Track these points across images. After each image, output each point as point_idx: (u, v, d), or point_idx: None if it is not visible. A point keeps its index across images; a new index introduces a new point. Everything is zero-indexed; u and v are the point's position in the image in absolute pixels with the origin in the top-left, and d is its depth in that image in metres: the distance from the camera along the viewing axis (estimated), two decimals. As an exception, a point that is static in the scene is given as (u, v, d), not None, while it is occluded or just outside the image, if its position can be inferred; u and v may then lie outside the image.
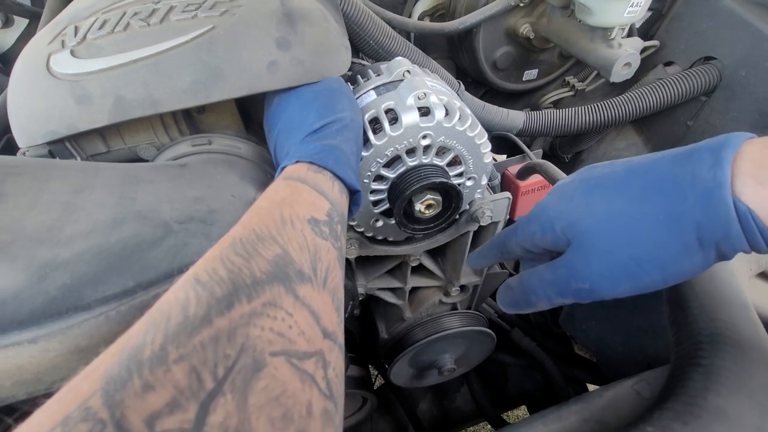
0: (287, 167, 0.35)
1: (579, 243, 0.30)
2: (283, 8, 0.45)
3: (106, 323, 0.25)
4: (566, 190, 0.33)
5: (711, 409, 0.28)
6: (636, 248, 0.28)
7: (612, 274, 0.29)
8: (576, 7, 0.79)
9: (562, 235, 0.32)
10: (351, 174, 0.36)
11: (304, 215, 0.29)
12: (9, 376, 0.24)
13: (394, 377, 0.77)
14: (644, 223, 0.27)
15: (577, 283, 0.31)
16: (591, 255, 0.30)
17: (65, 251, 0.26)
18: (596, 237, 0.29)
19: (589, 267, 0.30)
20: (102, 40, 0.41)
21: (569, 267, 0.31)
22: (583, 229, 0.30)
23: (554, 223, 0.32)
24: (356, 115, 0.41)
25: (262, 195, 0.31)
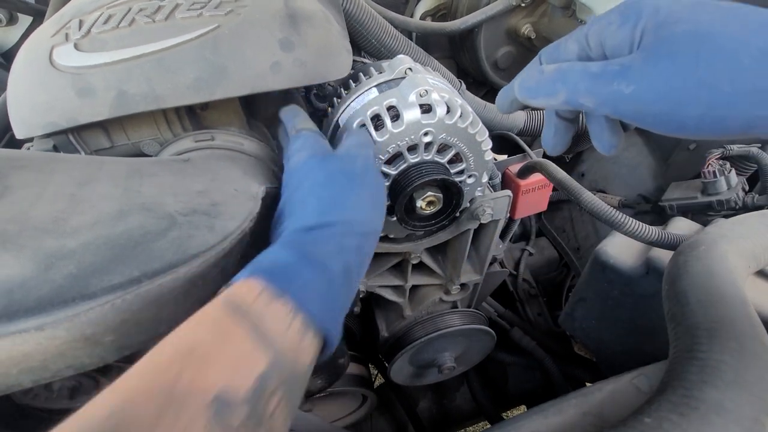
0: (235, 285, 0.26)
1: (655, 47, 0.25)
2: (286, 9, 0.46)
3: (112, 311, 0.25)
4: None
5: (708, 402, 0.28)
6: (715, 74, 0.23)
7: (664, 89, 0.24)
8: (577, 7, 0.79)
9: (638, 36, 0.26)
10: (324, 309, 0.27)
11: (210, 389, 0.20)
12: (15, 363, 0.24)
13: (394, 375, 0.77)
14: (746, 50, 0.22)
15: (620, 84, 0.26)
16: (661, 61, 0.25)
17: (71, 241, 0.27)
18: (683, 46, 0.24)
19: (649, 73, 0.25)
20: (106, 35, 0.41)
21: (624, 66, 0.26)
22: (671, 33, 0.25)
23: (640, 18, 0.26)
24: (376, 219, 0.33)
25: (179, 327, 0.23)
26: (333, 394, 0.81)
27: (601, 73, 0.27)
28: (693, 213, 0.78)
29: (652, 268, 0.58)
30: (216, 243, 0.31)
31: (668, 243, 0.54)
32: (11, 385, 0.25)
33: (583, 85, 0.28)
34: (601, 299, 0.66)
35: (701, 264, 0.40)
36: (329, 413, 0.87)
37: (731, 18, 0.24)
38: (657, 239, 0.54)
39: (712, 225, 0.49)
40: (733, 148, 0.75)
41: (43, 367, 0.25)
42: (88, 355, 0.26)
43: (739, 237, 0.45)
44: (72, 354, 0.25)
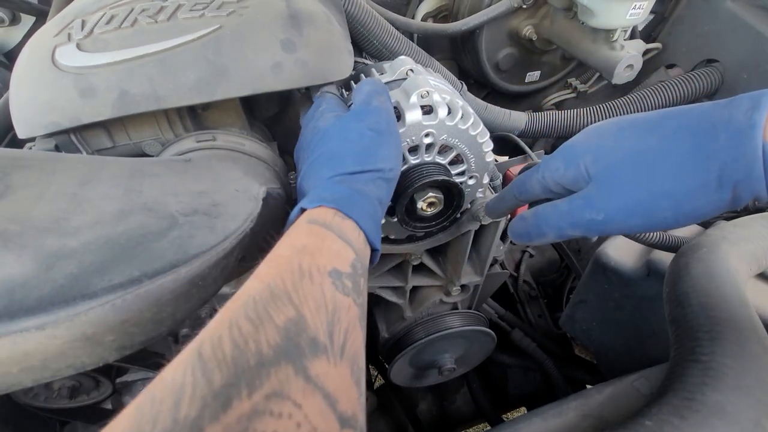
0: (311, 210, 0.32)
1: (601, 176, 0.31)
2: (288, 10, 0.46)
3: (113, 311, 0.25)
4: (596, 129, 0.34)
5: (709, 404, 0.28)
6: (656, 183, 0.29)
7: (627, 207, 0.30)
8: (579, 9, 0.79)
9: (584, 172, 0.32)
10: (375, 230, 0.34)
11: (325, 266, 0.27)
12: (16, 362, 0.24)
13: (394, 376, 0.77)
14: (670, 159, 0.28)
15: (591, 214, 0.31)
16: (611, 187, 0.31)
17: (72, 241, 0.27)
18: (619, 170, 0.30)
19: (607, 199, 0.31)
20: (109, 35, 0.42)
21: (586, 198, 0.32)
22: (608, 163, 0.31)
23: (579, 158, 0.32)
24: (397, 166, 0.39)
25: (283, 238, 0.29)
26: (333, 395, 0.81)
27: (571, 210, 0.33)
28: (694, 215, 0.78)
29: (653, 271, 0.58)
30: (217, 243, 0.31)
31: (669, 245, 0.54)
32: (12, 384, 0.25)
33: (563, 222, 0.34)
34: (601, 301, 0.66)
35: (702, 266, 0.40)
36: (329, 414, 0.86)
37: (644, 135, 0.30)
38: (658, 241, 0.54)
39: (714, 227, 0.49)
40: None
41: (44, 366, 0.25)
42: (89, 355, 0.26)
43: (741, 239, 0.44)
44: (72, 353, 0.25)
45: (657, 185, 0.29)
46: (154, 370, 0.54)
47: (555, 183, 0.35)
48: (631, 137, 0.31)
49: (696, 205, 0.28)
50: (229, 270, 0.33)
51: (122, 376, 0.65)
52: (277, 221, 0.45)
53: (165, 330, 0.29)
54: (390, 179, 0.38)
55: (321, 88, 0.47)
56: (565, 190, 0.35)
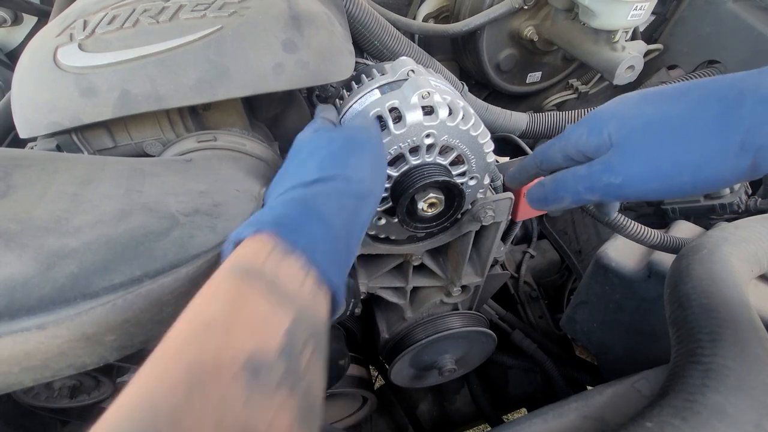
0: (243, 245, 0.25)
1: (623, 142, 0.31)
2: (290, 11, 0.46)
3: (113, 311, 0.25)
4: (623, 98, 0.34)
5: (710, 406, 0.28)
6: (678, 148, 0.29)
7: (646, 171, 0.30)
8: (580, 10, 0.79)
9: (607, 139, 0.32)
10: (332, 266, 0.26)
11: (238, 355, 0.19)
12: (17, 361, 0.24)
13: (395, 377, 0.77)
14: (694, 124, 0.28)
15: (609, 178, 0.31)
16: (631, 152, 0.31)
17: (73, 241, 0.27)
18: (642, 136, 0.30)
19: (627, 163, 0.31)
20: (110, 35, 0.42)
21: (606, 163, 0.32)
22: (631, 129, 0.31)
23: (603, 126, 0.32)
24: (374, 183, 0.33)
25: (190, 303, 0.22)
26: (333, 395, 0.81)
27: (590, 174, 0.33)
28: (695, 216, 0.78)
29: (654, 272, 0.58)
30: (217, 243, 0.31)
31: (670, 246, 0.54)
32: (12, 383, 0.25)
33: (581, 186, 0.34)
34: (602, 302, 0.66)
35: (703, 268, 0.40)
36: (329, 414, 0.87)
37: (670, 102, 0.30)
38: (659, 243, 0.54)
39: (715, 229, 0.49)
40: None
41: (45, 366, 0.25)
42: (89, 355, 0.26)
43: (742, 241, 0.44)
44: (73, 353, 0.25)
45: (678, 150, 0.29)
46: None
47: (577, 151, 0.35)
48: (656, 104, 0.31)
49: (715, 171, 0.27)
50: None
51: (123, 375, 0.65)
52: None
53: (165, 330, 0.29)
54: (362, 195, 0.30)
55: (317, 111, 0.47)
56: (586, 158, 0.34)
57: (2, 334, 0.23)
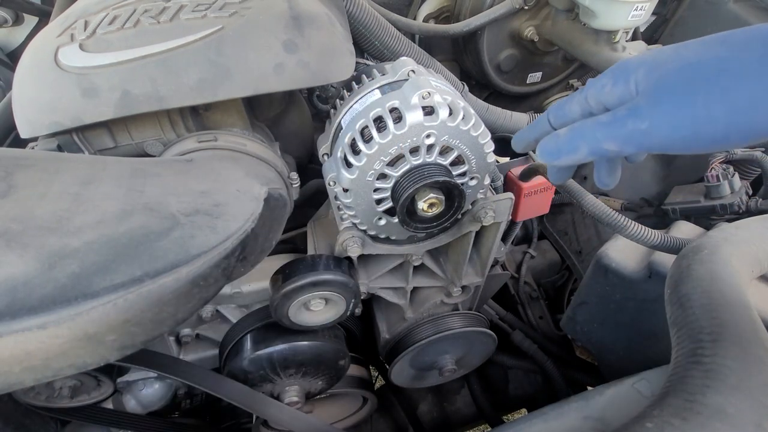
0: None
1: (652, 86, 0.29)
2: (291, 11, 0.46)
3: (114, 311, 0.25)
4: (654, 49, 0.32)
5: (711, 407, 0.28)
6: (714, 90, 0.26)
7: (677, 116, 0.27)
8: (580, 10, 0.79)
9: (633, 88, 0.30)
10: None
11: None
12: (18, 361, 0.24)
13: (395, 377, 0.77)
14: (734, 66, 0.26)
15: (635, 123, 0.29)
16: (662, 95, 0.28)
17: (75, 240, 0.27)
18: (674, 78, 0.28)
19: (656, 107, 0.28)
20: (111, 36, 0.42)
21: (632, 108, 0.29)
22: (662, 73, 0.28)
23: (631, 73, 0.30)
24: None
25: None
26: (333, 395, 0.81)
27: (613, 120, 0.30)
28: (696, 217, 0.78)
29: (655, 272, 0.58)
30: (218, 243, 0.31)
31: (671, 247, 0.54)
32: (13, 383, 0.25)
33: (601, 134, 0.30)
34: (603, 303, 0.66)
35: (704, 268, 0.40)
36: (330, 415, 0.87)
37: (708, 46, 0.28)
38: (659, 243, 0.54)
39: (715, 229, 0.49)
40: (737, 152, 0.75)
41: (45, 365, 0.25)
42: (90, 354, 0.26)
43: (743, 241, 0.44)
44: (74, 353, 0.25)
45: (714, 93, 0.26)
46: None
47: (598, 102, 0.32)
48: (694, 48, 0.28)
49: (753, 117, 0.25)
50: (230, 270, 0.33)
51: (123, 375, 0.65)
52: (279, 221, 0.45)
53: (166, 330, 0.29)
54: None
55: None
56: (608, 110, 0.32)
57: (3, 333, 0.23)
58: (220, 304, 0.62)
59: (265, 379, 0.61)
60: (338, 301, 0.57)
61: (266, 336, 0.60)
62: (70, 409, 0.60)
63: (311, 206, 0.69)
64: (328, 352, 0.62)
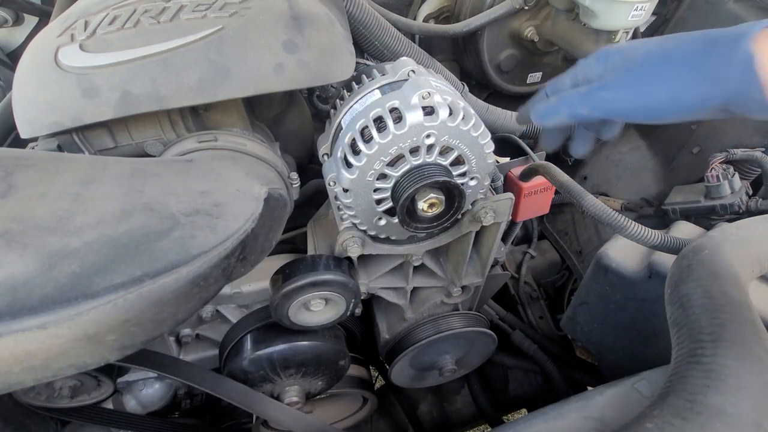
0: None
1: (621, 67, 0.38)
2: (291, 12, 0.46)
3: (114, 311, 0.25)
4: (633, 40, 0.41)
5: (711, 407, 0.28)
6: (661, 74, 0.35)
7: (634, 90, 0.36)
8: (580, 11, 0.79)
9: (610, 67, 0.39)
10: None
11: None
12: (18, 361, 0.24)
13: (395, 377, 0.77)
14: (676, 56, 0.35)
15: (602, 93, 0.38)
16: (626, 73, 0.37)
17: (75, 240, 0.27)
18: (637, 62, 0.37)
19: (620, 82, 0.37)
20: (111, 36, 0.42)
21: (603, 81, 0.39)
22: (630, 58, 0.38)
23: (609, 56, 0.39)
24: None
25: None
26: (333, 395, 0.81)
27: (588, 90, 0.39)
28: (696, 217, 0.78)
29: (655, 272, 0.58)
30: (218, 243, 0.31)
31: (671, 247, 0.54)
32: (13, 383, 0.25)
33: (578, 101, 0.40)
34: (603, 303, 0.66)
35: (704, 268, 0.40)
36: (330, 415, 0.87)
37: (666, 40, 0.37)
38: (660, 243, 0.54)
39: (716, 229, 0.49)
40: (737, 152, 0.75)
41: (46, 365, 0.25)
42: (90, 354, 0.26)
43: (743, 241, 0.44)
44: (74, 353, 0.25)
45: (658, 75, 0.35)
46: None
47: (584, 77, 0.42)
48: (655, 41, 0.38)
49: (687, 98, 0.34)
50: (230, 270, 0.33)
51: (123, 375, 0.65)
52: (279, 221, 0.45)
53: (166, 330, 0.29)
54: None
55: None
56: (589, 84, 0.41)
57: (4, 333, 0.23)
58: (220, 304, 0.62)
59: (265, 379, 0.61)
60: (338, 301, 0.57)
61: (266, 336, 0.60)
62: (70, 409, 0.60)
63: (311, 206, 0.69)
64: (328, 352, 0.62)
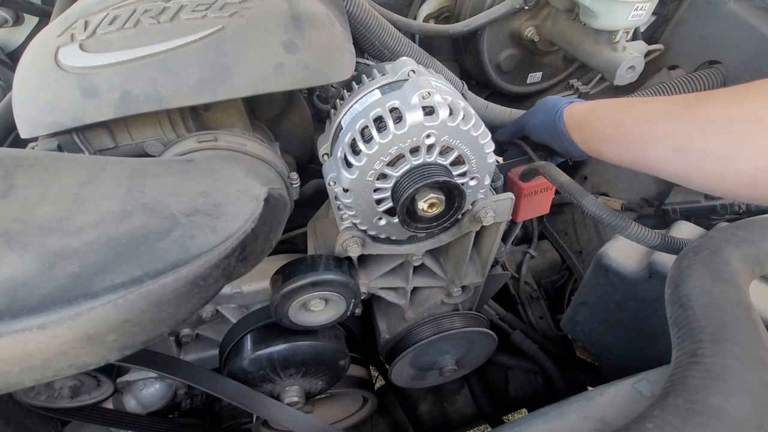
0: None
1: (529, 117, 0.71)
2: (291, 11, 0.46)
3: (114, 311, 0.25)
4: (532, 112, 0.72)
5: (711, 407, 0.28)
6: (540, 119, 0.68)
7: (533, 122, 0.69)
8: (580, 10, 0.79)
9: (525, 121, 0.72)
10: None
11: None
12: (18, 361, 0.24)
13: (395, 377, 0.77)
14: (545, 120, 0.66)
15: (520, 122, 0.73)
16: (532, 118, 0.70)
17: (75, 240, 0.27)
18: (535, 117, 0.70)
19: (530, 119, 0.70)
20: (111, 36, 0.42)
21: (522, 118, 0.73)
22: (536, 107, 0.70)
23: (526, 119, 0.72)
24: None
25: None
26: (333, 395, 0.81)
27: (517, 122, 0.75)
28: (696, 217, 0.78)
29: (655, 272, 0.58)
30: (218, 243, 0.31)
31: (671, 247, 0.54)
32: (13, 383, 0.25)
33: (511, 126, 0.76)
34: (603, 303, 0.66)
35: (705, 268, 0.40)
36: (329, 415, 0.87)
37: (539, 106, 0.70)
38: (660, 243, 0.54)
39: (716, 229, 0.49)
40: (737, 152, 0.75)
41: (45, 365, 0.25)
42: (90, 355, 0.26)
43: (743, 241, 0.44)
44: (74, 353, 0.25)
45: (540, 119, 0.68)
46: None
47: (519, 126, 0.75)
48: (536, 112, 0.70)
49: (542, 128, 0.67)
50: (230, 270, 0.33)
51: (123, 375, 0.65)
52: (279, 221, 0.45)
53: (166, 330, 0.29)
54: None
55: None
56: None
57: (3, 333, 0.23)
58: (220, 304, 0.62)
59: (266, 379, 0.61)
60: (338, 301, 0.57)
61: (266, 336, 0.60)
62: (70, 410, 0.60)
63: (311, 206, 0.69)
64: (328, 352, 0.62)
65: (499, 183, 0.66)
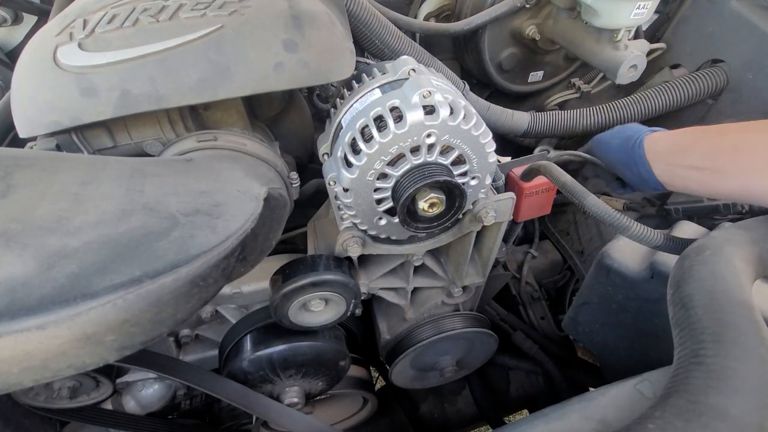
0: None
1: (604, 142, 0.68)
2: (291, 10, 0.46)
3: (113, 311, 0.25)
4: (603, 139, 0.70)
5: (713, 407, 0.28)
6: (617, 145, 0.65)
7: (608, 148, 0.67)
8: (582, 9, 0.79)
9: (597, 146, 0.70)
10: None
11: None
12: (17, 362, 0.24)
13: (395, 378, 0.76)
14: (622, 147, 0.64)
15: (590, 146, 0.71)
16: (608, 143, 0.67)
17: (74, 240, 0.27)
18: (611, 143, 0.66)
19: (605, 144, 0.68)
20: (110, 35, 0.42)
21: (595, 143, 0.70)
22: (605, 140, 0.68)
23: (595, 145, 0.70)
24: None
25: None
26: (334, 396, 0.81)
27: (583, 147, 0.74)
28: (698, 217, 0.78)
29: (657, 272, 0.57)
30: (218, 243, 0.31)
31: (673, 247, 0.53)
32: (12, 384, 0.25)
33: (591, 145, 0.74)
34: (605, 303, 0.66)
35: (707, 268, 0.40)
36: (330, 416, 0.86)
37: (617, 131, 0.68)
38: (662, 243, 0.53)
39: (718, 229, 0.49)
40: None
41: (45, 366, 0.25)
42: (89, 355, 0.26)
43: (745, 241, 0.44)
44: (73, 353, 0.25)
45: (602, 149, 0.68)
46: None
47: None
48: (611, 139, 0.67)
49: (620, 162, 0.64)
50: (230, 270, 0.33)
51: (123, 376, 0.65)
52: (279, 221, 0.45)
53: (165, 330, 0.29)
54: None
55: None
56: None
57: (2, 334, 0.23)
58: (220, 305, 0.62)
59: (265, 380, 0.61)
60: (338, 302, 0.56)
61: (266, 337, 0.60)
62: (69, 410, 0.60)
63: (311, 206, 0.68)
64: (328, 353, 0.62)
65: (500, 183, 0.66)
